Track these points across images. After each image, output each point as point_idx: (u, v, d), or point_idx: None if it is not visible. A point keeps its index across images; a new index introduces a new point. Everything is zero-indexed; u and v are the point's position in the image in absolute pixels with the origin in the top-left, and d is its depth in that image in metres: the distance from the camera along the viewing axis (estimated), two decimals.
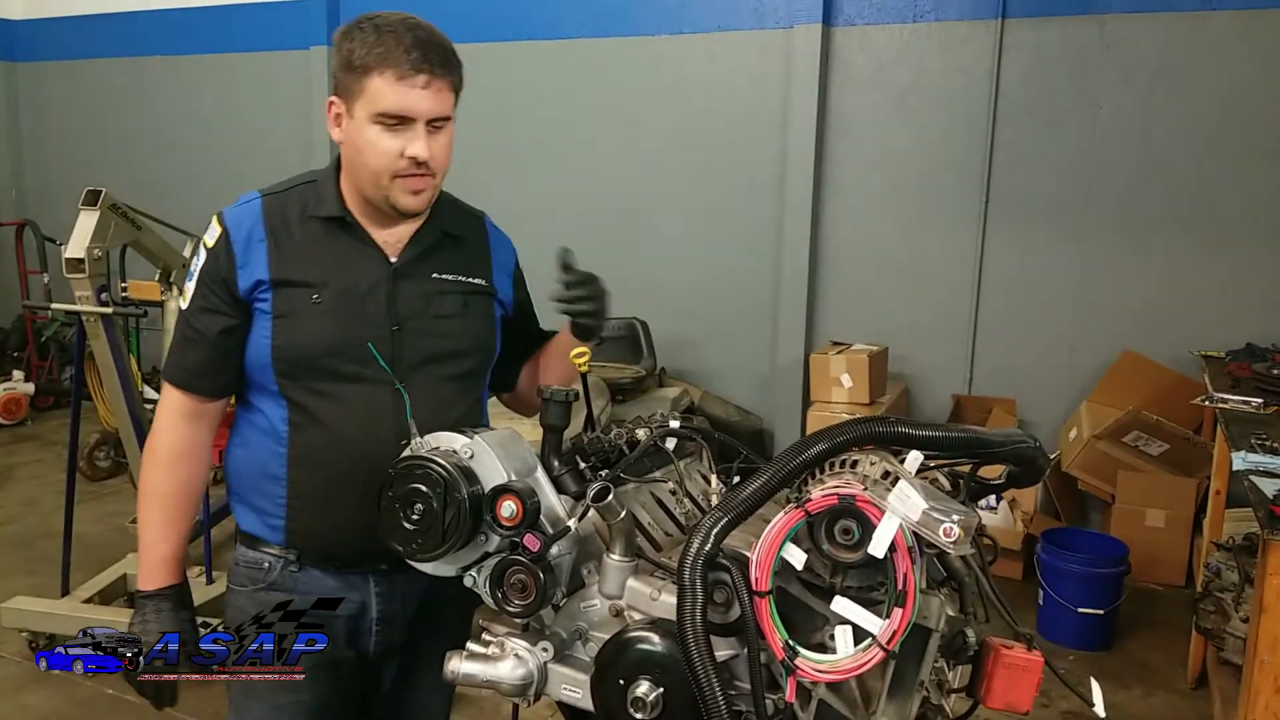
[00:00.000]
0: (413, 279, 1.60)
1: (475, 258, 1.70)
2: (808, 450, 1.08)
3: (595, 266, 1.65)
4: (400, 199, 1.53)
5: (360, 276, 1.56)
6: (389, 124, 1.48)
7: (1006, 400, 4.87)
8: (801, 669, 1.04)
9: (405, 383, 1.55)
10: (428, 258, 1.62)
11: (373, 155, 1.49)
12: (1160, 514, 4.20)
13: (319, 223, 1.57)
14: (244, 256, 1.53)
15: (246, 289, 1.52)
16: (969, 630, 1.15)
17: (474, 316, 1.66)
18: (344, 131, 1.53)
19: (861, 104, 5.14)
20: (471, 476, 1.24)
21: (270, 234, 1.54)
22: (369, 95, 1.47)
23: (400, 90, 1.46)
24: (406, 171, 1.50)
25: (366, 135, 1.49)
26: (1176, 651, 3.62)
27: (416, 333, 1.58)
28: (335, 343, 1.53)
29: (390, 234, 1.60)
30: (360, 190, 1.56)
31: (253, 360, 1.55)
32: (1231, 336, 4.32)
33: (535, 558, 1.19)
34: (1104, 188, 4.74)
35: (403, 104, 1.47)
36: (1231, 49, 4.47)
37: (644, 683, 1.12)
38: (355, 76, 1.47)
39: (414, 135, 1.49)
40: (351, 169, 1.55)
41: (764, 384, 5.47)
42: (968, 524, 0.98)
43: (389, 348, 1.55)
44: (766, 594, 1.05)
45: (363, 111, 1.48)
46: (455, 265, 1.66)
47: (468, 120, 6.12)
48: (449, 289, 1.63)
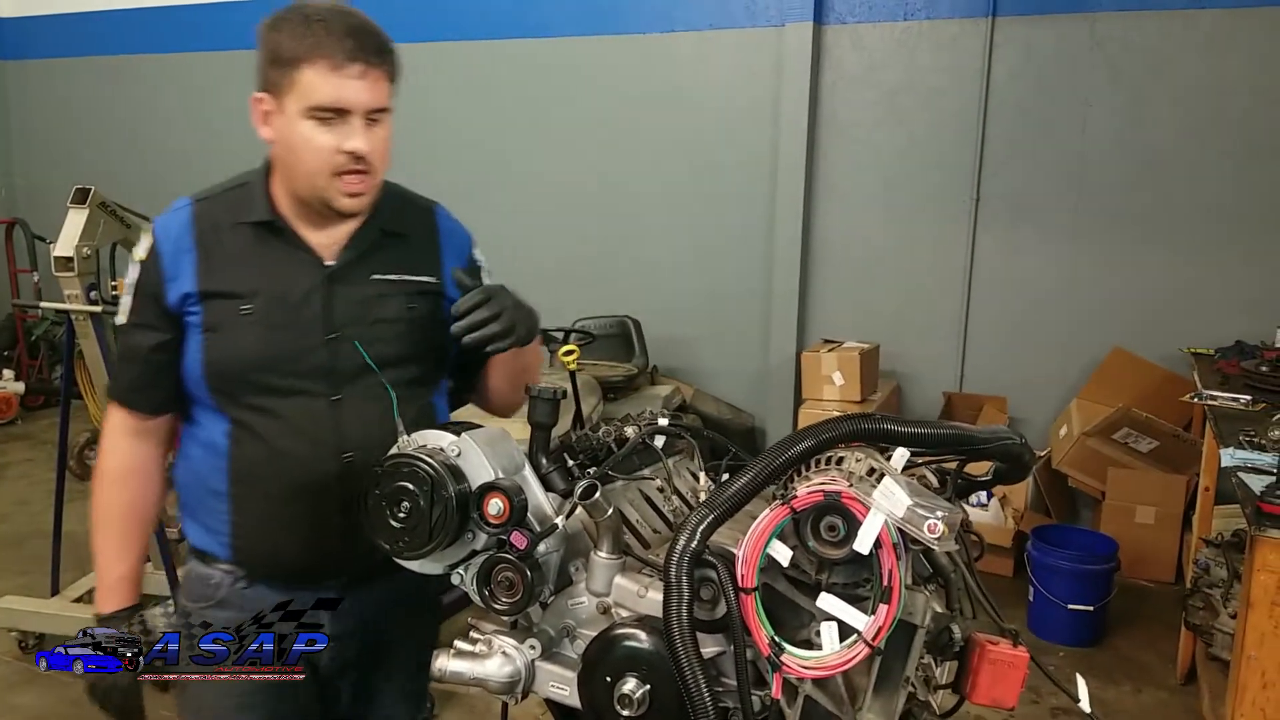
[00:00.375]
0: (350, 283, 1.51)
1: (422, 254, 1.61)
2: (794, 447, 1.09)
3: (586, 265, 1.64)
4: (338, 199, 1.45)
5: (293, 284, 1.48)
6: (323, 118, 1.40)
7: (997, 398, 4.89)
8: (787, 665, 1.04)
9: (343, 394, 1.49)
10: (366, 259, 1.53)
11: (307, 153, 1.42)
12: (1150, 511, 4.21)
13: (248, 229, 1.49)
14: (172, 268, 1.46)
15: (175, 302, 1.46)
16: (954, 626, 1.15)
17: (420, 318, 1.57)
18: (274, 130, 1.45)
19: (853, 102, 5.15)
20: (459, 474, 1.24)
21: (199, 243, 1.47)
22: (300, 88, 1.39)
23: (334, 81, 1.38)
24: (344, 169, 1.43)
25: (299, 131, 1.41)
26: (1166, 647, 3.64)
27: (354, 340, 1.50)
28: (267, 355, 1.46)
29: (326, 236, 1.52)
30: (294, 191, 1.48)
31: (188, 376, 1.49)
32: (1221, 334, 4.34)
33: (522, 555, 1.19)
34: (1094, 186, 4.76)
35: (338, 96, 1.39)
36: (1221, 47, 4.49)
37: (631, 679, 1.12)
38: (284, 69, 1.39)
39: (351, 129, 1.41)
40: (284, 169, 1.48)
41: (756, 382, 5.48)
42: (952, 520, 0.98)
43: (324, 358, 1.48)
44: (753, 591, 1.05)
45: (294, 106, 1.40)
46: (398, 264, 1.56)
47: (458, 119, 6.15)
48: (390, 291, 1.54)
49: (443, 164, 6.04)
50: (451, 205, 3.94)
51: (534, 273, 5.89)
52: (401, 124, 1.67)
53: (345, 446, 1.49)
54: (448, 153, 6.04)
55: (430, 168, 6.12)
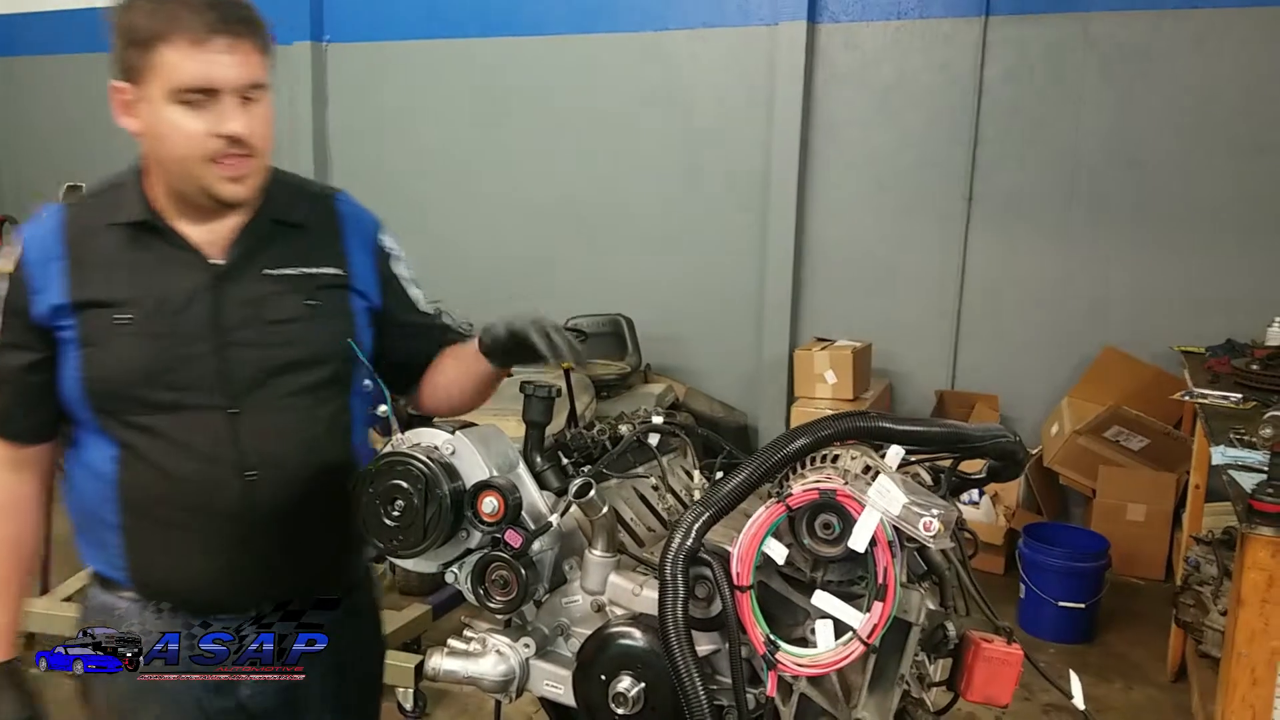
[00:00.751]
0: (240, 281, 1.38)
1: (322, 244, 1.47)
2: (789, 445, 1.09)
3: (578, 263, 1.61)
4: (219, 187, 1.32)
5: (174, 288, 1.35)
6: (192, 100, 1.27)
7: (989, 396, 4.90)
8: (783, 663, 1.04)
9: (242, 406, 1.37)
10: (257, 254, 1.40)
11: (178, 140, 1.29)
12: (1140, 508, 4.23)
13: (122, 230, 1.35)
14: (40, 280, 1.34)
15: (44, 316, 1.34)
16: (949, 624, 1.16)
17: (324, 314, 1.44)
18: (139, 120, 1.31)
19: (846, 101, 5.15)
20: (453, 472, 1.23)
21: (68, 250, 1.34)
22: (162, 70, 1.26)
23: (199, 58, 1.26)
24: (222, 154, 1.30)
25: (167, 118, 1.28)
26: (1156, 645, 3.66)
27: (250, 345, 1.37)
28: (148, 368, 1.33)
29: (210, 232, 1.38)
30: (171, 184, 1.35)
31: (67, 397, 1.36)
32: (1211, 332, 4.36)
33: (517, 554, 1.19)
34: (1086, 184, 4.77)
35: (204, 74, 1.26)
36: (1213, 46, 4.50)
37: (626, 678, 1.12)
38: (142, 51, 1.26)
39: (223, 110, 1.28)
40: (156, 161, 1.34)
41: (749, 380, 5.48)
42: (947, 518, 0.98)
43: (214, 366, 1.35)
44: (748, 589, 1.05)
45: (157, 90, 1.27)
46: (294, 257, 1.43)
47: (452, 116, 6.13)
48: (286, 287, 1.41)
49: (433, 162, 6.05)
50: (441, 204, 4.00)
51: (525, 270, 5.94)
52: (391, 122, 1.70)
53: (247, 464, 1.37)
54: (438, 151, 6.04)
55: (420, 166, 6.15)
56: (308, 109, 6.25)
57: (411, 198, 6.14)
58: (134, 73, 1.29)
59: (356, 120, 6.26)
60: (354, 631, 1.58)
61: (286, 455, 1.41)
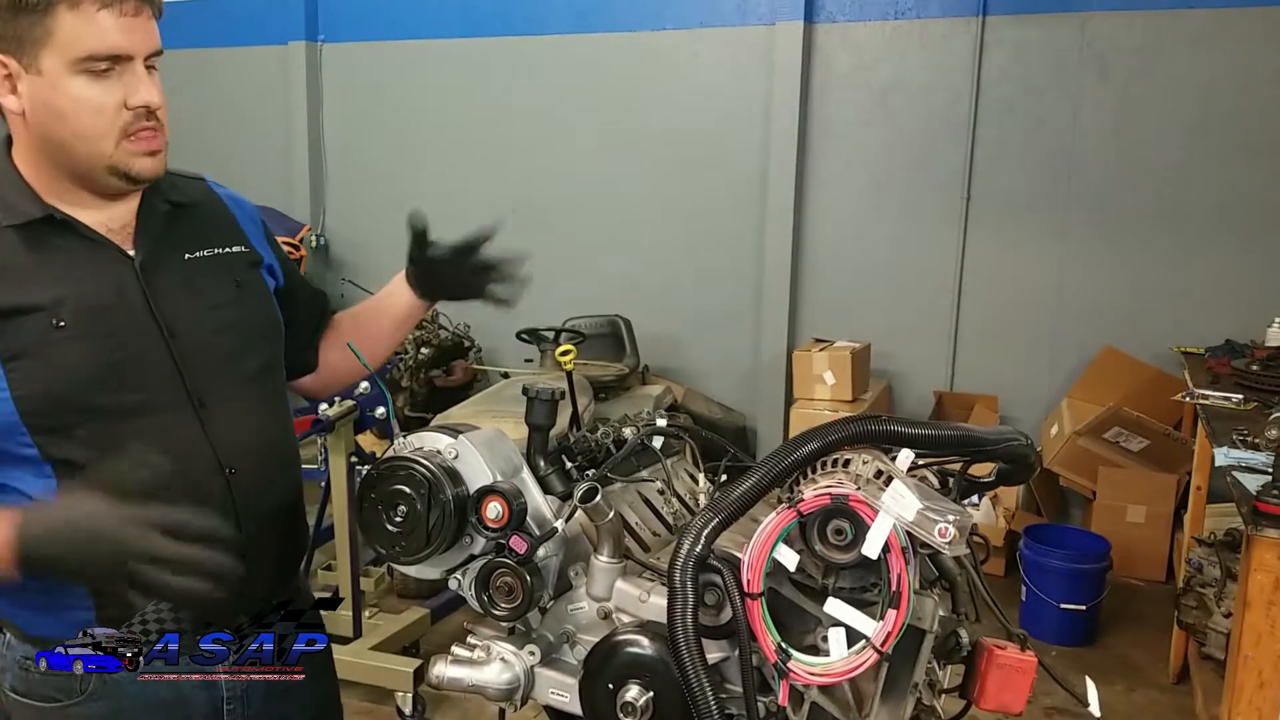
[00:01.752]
0: (165, 270, 1.29)
1: (220, 224, 1.40)
2: (799, 449, 1.07)
3: (577, 263, 1.58)
4: (135, 163, 1.22)
5: (99, 282, 1.24)
6: (98, 70, 1.16)
7: (988, 397, 4.89)
8: (794, 672, 1.02)
9: (205, 398, 1.29)
10: (169, 238, 1.31)
11: (84, 116, 1.17)
12: (1140, 510, 4.22)
13: (16, 232, 1.21)
14: None
15: None
16: (962, 631, 1.14)
17: (250, 295, 1.38)
18: (25, 98, 1.18)
19: (843, 101, 5.14)
20: (456, 477, 1.21)
21: None
22: (62, 37, 1.14)
23: (108, 22, 1.15)
24: (136, 128, 1.20)
25: (68, 91, 1.16)
26: (1158, 647, 3.65)
27: (194, 334, 1.29)
28: (99, 374, 1.21)
29: (111, 219, 1.27)
30: (68, 168, 1.22)
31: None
32: (1210, 333, 4.35)
33: (522, 560, 1.16)
34: (1084, 185, 4.77)
35: (113, 40, 1.16)
36: (1210, 46, 4.50)
37: (634, 686, 1.10)
38: (32, 17, 1.13)
39: (135, 79, 1.19)
40: (50, 144, 1.20)
41: (747, 381, 5.47)
42: (963, 524, 0.96)
43: (169, 361, 1.26)
44: (758, 596, 1.03)
45: (55, 61, 1.15)
46: (204, 239, 1.35)
47: (447, 117, 6.10)
48: (211, 270, 1.34)
49: (430, 162, 6.03)
50: (439, 202, 3.95)
51: (523, 271, 5.90)
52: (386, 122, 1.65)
53: (225, 459, 1.30)
54: (435, 151, 6.02)
55: (417, 166, 6.12)
56: (303, 109, 6.22)
57: (407, 198, 6.07)
58: (20, 43, 1.15)
59: (351, 120, 6.24)
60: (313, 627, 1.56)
61: (254, 446, 1.36)
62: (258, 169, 6.01)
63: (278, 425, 1.43)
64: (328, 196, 6.33)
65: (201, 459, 1.29)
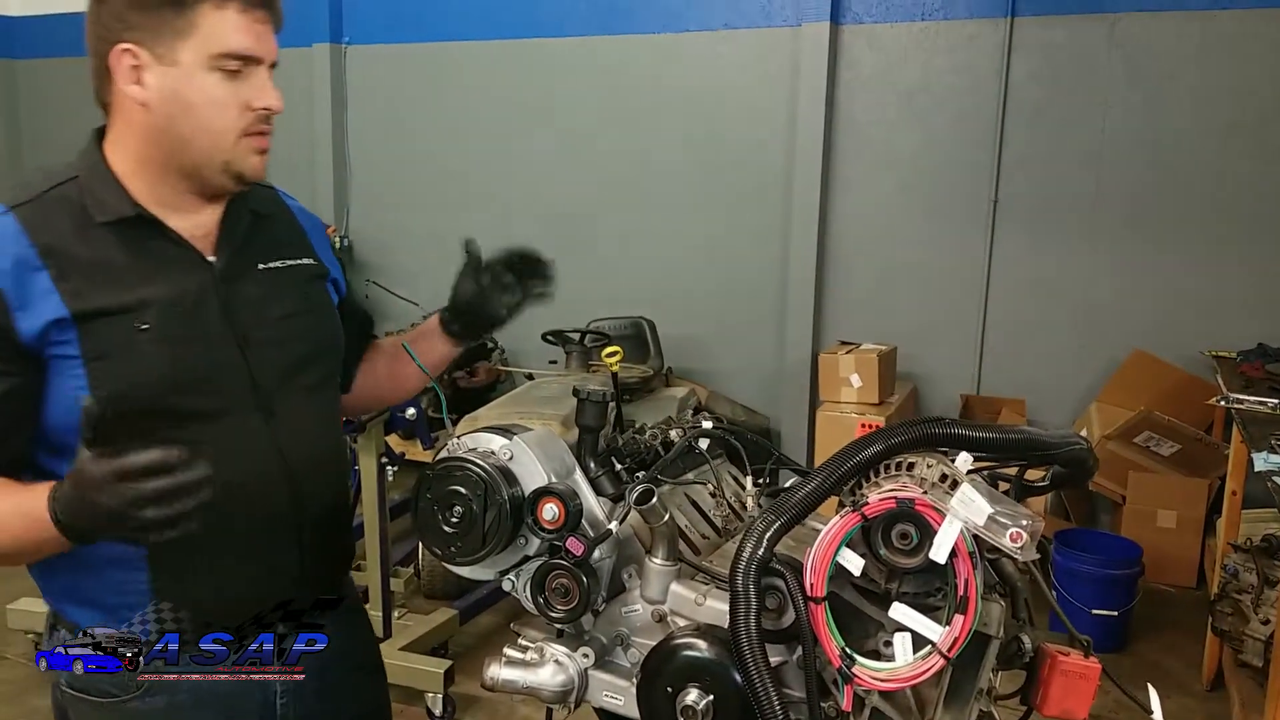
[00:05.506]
0: (241, 279, 1.31)
1: (292, 236, 1.43)
2: (862, 452, 1.06)
3: (601, 266, 1.56)
4: (248, 162, 1.26)
5: (180, 287, 1.25)
6: (231, 70, 1.20)
7: (1015, 400, 4.85)
8: (859, 677, 1.01)
9: (273, 406, 1.32)
10: (247, 247, 1.33)
11: (212, 110, 1.21)
12: (1171, 515, 4.18)
13: (108, 229, 1.22)
14: (18, 294, 1.16)
15: (35, 334, 1.17)
16: (1024, 636, 1.13)
17: (317, 308, 1.41)
18: (154, 89, 1.20)
19: (869, 103, 5.12)
20: (511, 478, 1.21)
21: (47, 256, 1.18)
22: (204, 32, 1.18)
23: (245, 25, 1.20)
24: (255, 128, 1.25)
25: (202, 85, 1.19)
26: (1190, 653, 3.61)
27: (265, 344, 1.31)
28: (177, 377, 1.23)
29: (196, 225, 1.29)
30: (180, 165, 1.24)
31: (65, 423, 1.19)
32: (1242, 336, 4.31)
33: (578, 562, 1.16)
34: (1113, 187, 4.73)
35: (251, 44, 1.21)
36: (1241, 48, 4.46)
37: (693, 690, 1.09)
38: (174, 10, 1.17)
39: (261, 82, 1.24)
40: (168, 137, 1.22)
41: (771, 383, 5.45)
42: (1034, 529, 0.95)
43: (243, 368, 1.29)
44: (822, 600, 1.02)
45: (193, 55, 1.18)
46: (277, 250, 1.38)
47: (469, 119, 6.12)
48: (283, 281, 1.36)
49: (454, 164, 6.05)
50: (464, 206, 3.96)
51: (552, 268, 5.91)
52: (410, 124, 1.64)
53: (290, 464, 1.33)
54: (458, 153, 6.03)
55: (441, 167, 6.14)
56: (327, 111, 6.25)
57: (430, 200, 6.13)
58: (155, 34, 1.18)
59: (375, 122, 6.26)
60: (363, 632, 1.62)
61: (316, 453, 1.39)
62: (282, 169, 5.95)
63: (334, 434, 1.47)
64: (351, 197, 6.36)
65: (271, 465, 1.32)
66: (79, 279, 1.19)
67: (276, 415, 1.32)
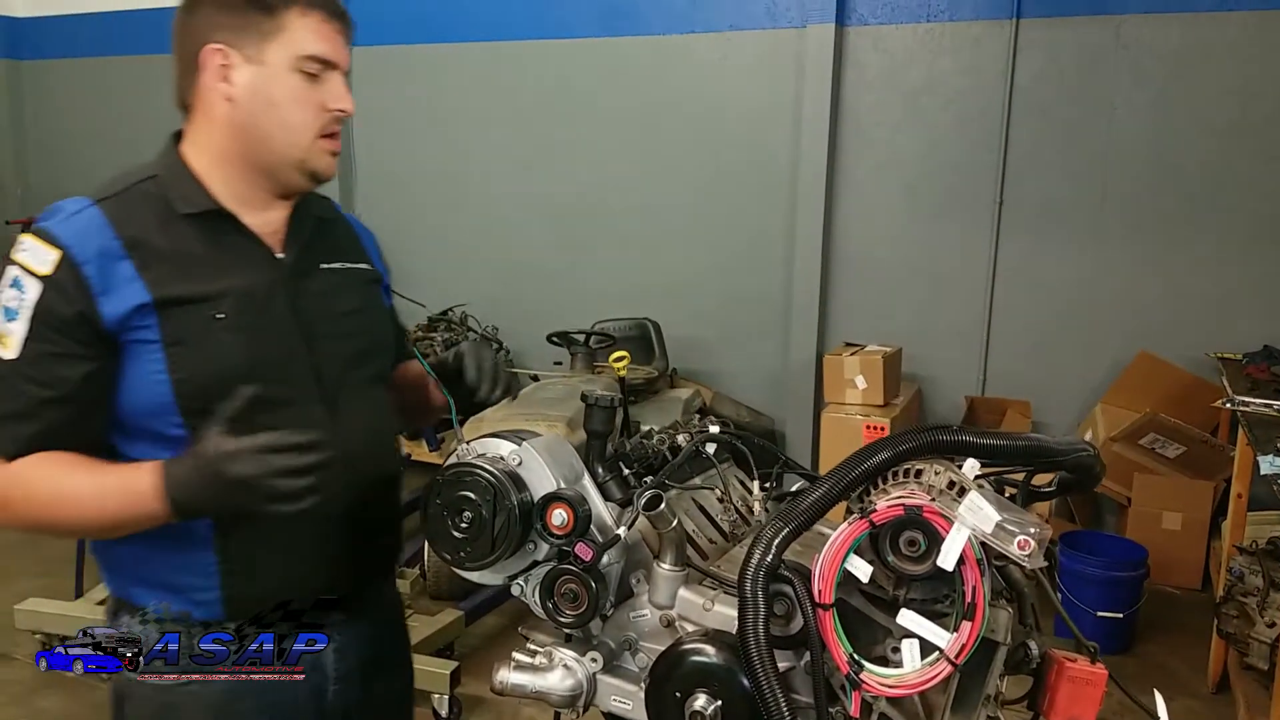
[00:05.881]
0: (307, 275, 1.39)
1: (351, 241, 1.53)
2: (870, 459, 1.06)
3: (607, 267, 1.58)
4: (322, 161, 1.34)
5: (253, 281, 1.32)
6: (312, 73, 1.29)
7: (1021, 402, 4.85)
8: (867, 683, 1.02)
9: (335, 398, 1.38)
10: (312, 247, 1.41)
11: (293, 109, 1.29)
12: (1176, 517, 4.17)
13: (188, 222, 1.29)
14: (102, 280, 1.22)
15: (117, 319, 1.22)
16: (1031, 642, 1.13)
17: (374, 308, 1.51)
18: (239, 84, 1.28)
19: (874, 104, 5.12)
20: (520, 483, 1.21)
21: (130, 247, 1.24)
22: (290, 35, 1.27)
23: (327, 32, 1.30)
24: (330, 129, 1.33)
25: (286, 83, 1.28)
26: (1196, 656, 3.60)
27: (328, 338, 1.39)
28: (250, 365, 1.28)
29: (266, 222, 1.36)
30: (257, 162, 1.32)
31: (144, 405, 1.26)
32: (1248, 338, 4.31)
33: (587, 567, 1.17)
34: (1119, 188, 4.72)
35: (332, 50, 1.31)
36: (1248, 49, 4.45)
37: (701, 695, 1.10)
38: (264, 14, 1.27)
39: (338, 86, 1.33)
40: (249, 133, 1.30)
41: (776, 385, 5.45)
42: (1042, 536, 0.96)
43: (309, 360, 1.35)
44: (830, 606, 1.03)
45: (280, 55, 1.27)
46: (339, 252, 1.46)
47: (478, 120, 6.11)
48: (344, 280, 1.45)
49: (459, 165, 6.05)
50: (469, 207, 3.97)
51: (551, 274, 5.94)
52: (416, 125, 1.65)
53: (347, 455, 1.34)
54: (464, 154, 6.04)
55: (447, 169, 6.16)
56: None
57: (437, 201, 6.15)
58: (244, 34, 1.27)
59: (381, 123, 6.26)
60: (402, 630, 1.66)
61: (371, 445, 1.44)
62: None
63: (389, 429, 1.52)
64: (357, 199, 6.36)
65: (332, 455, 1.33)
66: (160, 268, 1.26)
67: (337, 407, 1.38)
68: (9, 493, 1.23)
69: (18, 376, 1.22)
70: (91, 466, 1.24)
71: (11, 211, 7.59)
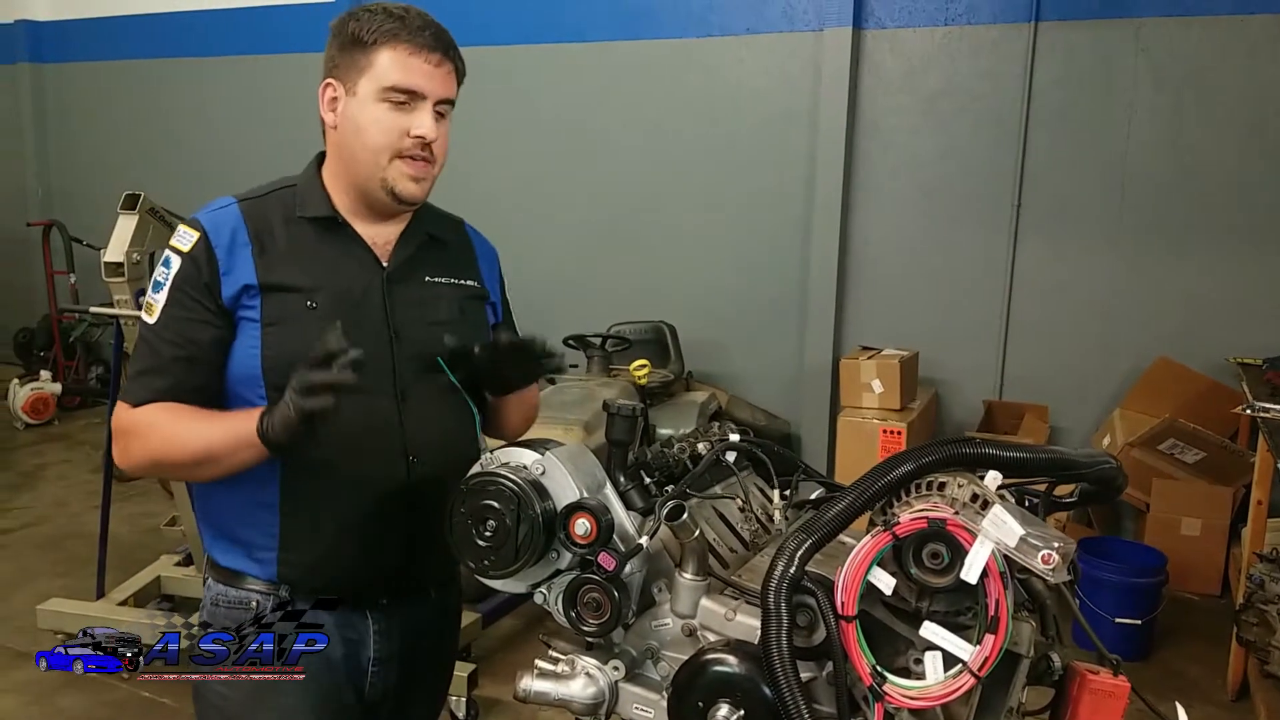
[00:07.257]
0: (406, 283, 1.54)
1: (463, 260, 1.66)
2: (893, 471, 1.07)
3: (623, 270, 1.61)
4: (400, 183, 1.46)
5: (354, 281, 1.49)
6: (397, 101, 1.43)
7: (1038, 406, 4.83)
8: (890, 695, 1.02)
9: (406, 395, 1.49)
10: (418, 260, 1.56)
11: (374, 132, 1.43)
12: (1196, 523, 4.15)
13: (306, 224, 1.49)
14: (227, 261, 1.42)
15: (231, 295, 1.42)
16: (1054, 654, 1.13)
17: (469, 321, 1.61)
18: (340, 114, 1.47)
19: (892, 107, 5.11)
20: (543, 492, 1.22)
21: (254, 238, 1.45)
22: (377, 70, 1.42)
23: (412, 64, 1.43)
24: (409, 152, 1.45)
25: (370, 112, 1.43)
26: (1215, 663, 3.58)
27: (413, 341, 1.51)
28: None
29: (378, 234, 1.53)
30: (354, 180, 1.49)
31: (238, 374, 1.43)
32: (1267, 343, 4.29)
33: (610, 576, 1.17)
34: (1137, 192, 4.71)
35: (414, 80, 1.43)
36: (1266, 53, 4.43)
37: (724, 705, 1.10)
38: (362, 52, 1.43)
39: (422, 114, 1.44)
40: (345, 154, 1.48)
41: (791, 388, 5.45)
42: (1066, 550, 0.96)
43: (387, 356, 1.48)
44: (853, 618, 1.03)
45: (368, 87, 1.43)
46: (446, 268, 1.60)
47: (495, 123, 6.14)
48: (444, 293, 1.58)
49: (475, 168, 6.06)
50: (488, 210, 3.96)
51: (568, 278, 5.95)
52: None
53: (411, 448, 1.49)
54: (480, 157, 6.05)
55: (462, 172, 6.14)
56: None
57: (452, 205, 6.15)
58: (345, 72, 1.45)
59: None
60: (451, 626, 1.73)
61: (437, 443, 1.52)
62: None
63: (462, 432, 1.57)
64: None
65: (391, 444, 1.48)
66: (272, 258, 1.44)
67: (408, 402, 1.50)
68: (133, 431, 1.41)
69: (157, 338, 1.43)
70: (201, 412, 1.41)
71: (32, 214, 7.67)
